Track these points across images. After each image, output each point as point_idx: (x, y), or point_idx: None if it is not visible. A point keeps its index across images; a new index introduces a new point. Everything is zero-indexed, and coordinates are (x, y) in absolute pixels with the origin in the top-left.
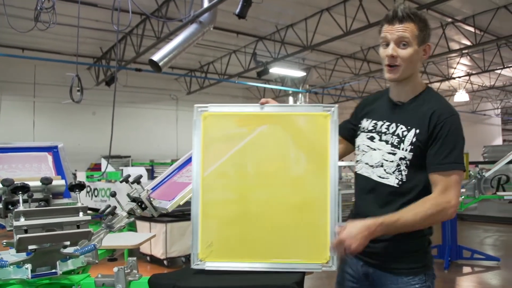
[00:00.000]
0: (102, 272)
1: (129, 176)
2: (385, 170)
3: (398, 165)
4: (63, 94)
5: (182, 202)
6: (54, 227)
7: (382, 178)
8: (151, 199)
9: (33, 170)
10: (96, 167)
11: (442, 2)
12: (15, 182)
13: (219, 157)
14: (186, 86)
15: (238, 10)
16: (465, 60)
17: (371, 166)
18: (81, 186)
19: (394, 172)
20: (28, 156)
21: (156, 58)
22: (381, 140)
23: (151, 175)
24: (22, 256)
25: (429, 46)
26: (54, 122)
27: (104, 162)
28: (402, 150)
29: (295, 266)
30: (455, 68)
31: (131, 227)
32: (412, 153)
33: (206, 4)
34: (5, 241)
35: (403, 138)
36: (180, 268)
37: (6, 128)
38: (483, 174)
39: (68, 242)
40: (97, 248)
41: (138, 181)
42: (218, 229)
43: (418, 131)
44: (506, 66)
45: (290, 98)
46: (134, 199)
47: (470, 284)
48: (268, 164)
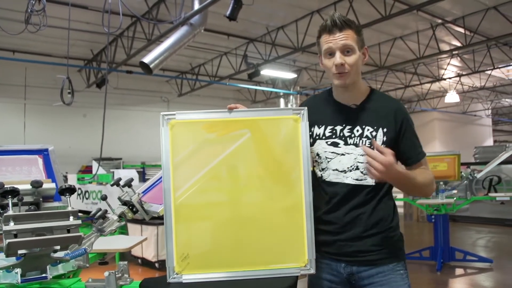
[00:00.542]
0: (93, 276)
1: (120, 179)
2: (361, 172)
3: None
4: (54, 96)
5: None
6: (44, 232)
7: (360, 180)
8: (142, 203)
9: (23, 173)
10: (87, 170)
11: (432, 3)
12: (5, 186)
13: (190, 166)
14: (177, 88)
15: (228, 12)
16: (455, 61)
17: (342, 171)
18: (71, 190)
19: None
20: (18, 159)
21: (147, 60)
22: (347, 144)
23: (143, 177)
24: (12, 260)
25: (366, 49)
26: (45, 124)
27: (95, 165)
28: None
29: (274, 272)
30: (446, 69)
31: (122, 230)
32: None
33: (196, 6)
34: None
35: (374, 139)
36: None
37: None
38: (475, 175)
39: (58, 247)
40: (87, 252)
41: (129, 184)
42: (193, 240)
43: (386, 130)
44: (496, 67)
45: (281, 100)
46: (125, 203)
47: (463, 286)
48: (241, 170)
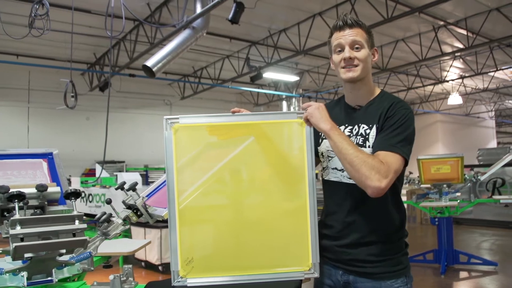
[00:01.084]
0: (97, 279)
1: (124, 183)
2: None
3: None
4: (57, 100)
5: None
6: (50, 235)
7: None
8: (147, 206)
9: (28, 177)
10: (90, 173)
11: (434, 5)
12: (11, 190)
13: (194, 170)
14: (179, 91)
15: (231, 16)
16: (458, 63)
17: (340, 170)
18: (76, 194)
19: None
20: (23, 162)
21: (149, 63)
22: None
23: (146, 181)
24: (18, 264)
25: (376, 50)
26: (48, 127)
27: (98, 168)
28: (369, 147)
29: (278, 276)
30: (448, 71)
31: (126, 233)
32: None
33: (199, 9)
34: (0, 249)
35: (367, 136)
36: None
37: (1, 133)
38: (478, 177)
39: (64, 250)
40: (92, 255)
41: (133, 188)
42: (198, 243)
43: (378, 126)
44: (499, 69)
45: (284, 103)
46: (129, 206)
47: None
48: (245, 174)
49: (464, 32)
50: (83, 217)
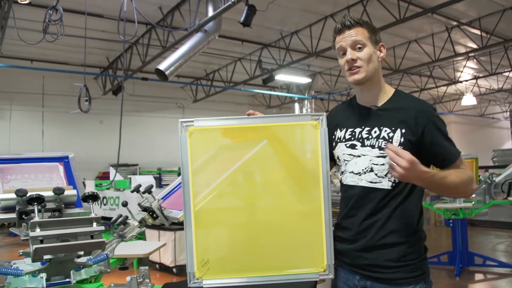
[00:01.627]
0: (113, 281)
1: (140, 185)
2: (376, 175)
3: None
4: (71, 104)
5: None
6: (69, 237)
7: (374, 183)
8: (162, 209)
9: (45, 180)
10: (104, 176)
11: (447, 5)
12: (30, 193)
13: (209, 173)
14: (192, 94)
15: (242, 18)
16: (471, 63)
17: (357, 174)
18: (94, 197)
19: (386, 175)
20: (39, 166)
21: (162, 67)
22: (364, 146)
23: (159, 183)
24: (37, 265)
25: (383, 46)
26: (63, 131)
27: (112, 171)
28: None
29: (293, 277)
30: (462, 71)
31: (140, 235)
32: None
33: (210, 13)
34: (21, 250)
35: (390, 140)
36: None
37: (16, 137)
38: (494, 179)
39: (82, 252)
40: (109, 257)
41: (149, 190)
42: (213, 245)
43: (404, 131)
44: None
45: (296, 105)
46: (145, 209)
47: None
48: (259, 176)
49: (478, 32)
50: (100, 219)
